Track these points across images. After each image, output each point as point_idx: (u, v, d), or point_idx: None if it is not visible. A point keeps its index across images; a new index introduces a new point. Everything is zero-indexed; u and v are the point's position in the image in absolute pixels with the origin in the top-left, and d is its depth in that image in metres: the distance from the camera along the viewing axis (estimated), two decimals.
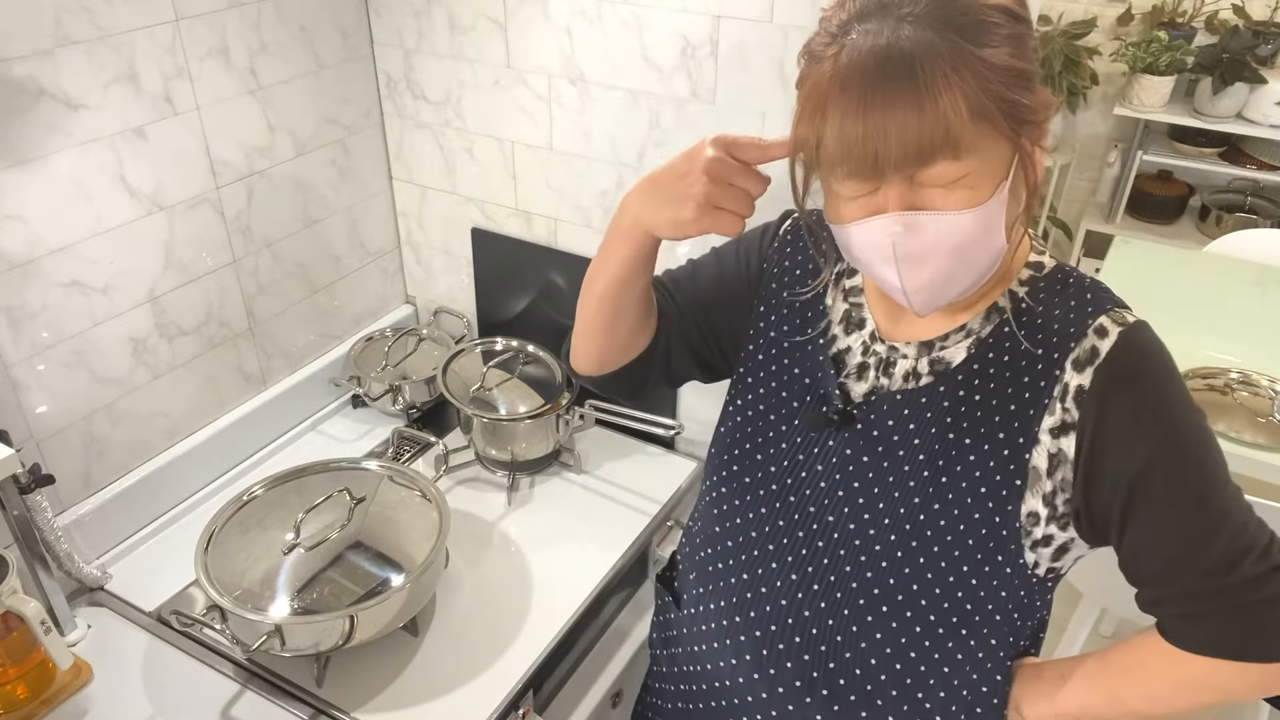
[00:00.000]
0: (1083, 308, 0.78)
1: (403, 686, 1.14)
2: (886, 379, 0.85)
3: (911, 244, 0.71)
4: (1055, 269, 0.82)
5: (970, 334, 0.81)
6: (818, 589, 0.85)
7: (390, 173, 1.67)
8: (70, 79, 1.12)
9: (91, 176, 1.18)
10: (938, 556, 0.80)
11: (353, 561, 1.16)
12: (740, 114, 1.27)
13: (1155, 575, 0.78)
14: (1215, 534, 0.74)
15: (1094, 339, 0.75)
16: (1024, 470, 0.77)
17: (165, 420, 1.37)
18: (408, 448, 1.54)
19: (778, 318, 0.95)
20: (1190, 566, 0.75)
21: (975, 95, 0.67)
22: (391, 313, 1.77)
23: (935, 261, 0.72)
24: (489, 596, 1.27)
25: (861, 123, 0.67)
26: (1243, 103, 2.99)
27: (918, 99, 0.66)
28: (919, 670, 0.83)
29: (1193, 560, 0.75)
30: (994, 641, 0.83)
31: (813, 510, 0.87)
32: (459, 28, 1.45)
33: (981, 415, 0.79)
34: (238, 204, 1.38)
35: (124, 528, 1.33)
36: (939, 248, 0.72)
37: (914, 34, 0.66)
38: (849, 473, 0.85)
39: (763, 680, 0.89)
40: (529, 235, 1.58)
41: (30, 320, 1.16)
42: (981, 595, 0.80)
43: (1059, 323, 0.78)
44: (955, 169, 0.69)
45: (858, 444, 0.85)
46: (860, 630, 0.83)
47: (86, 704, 1.11)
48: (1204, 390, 1.72)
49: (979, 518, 0.79)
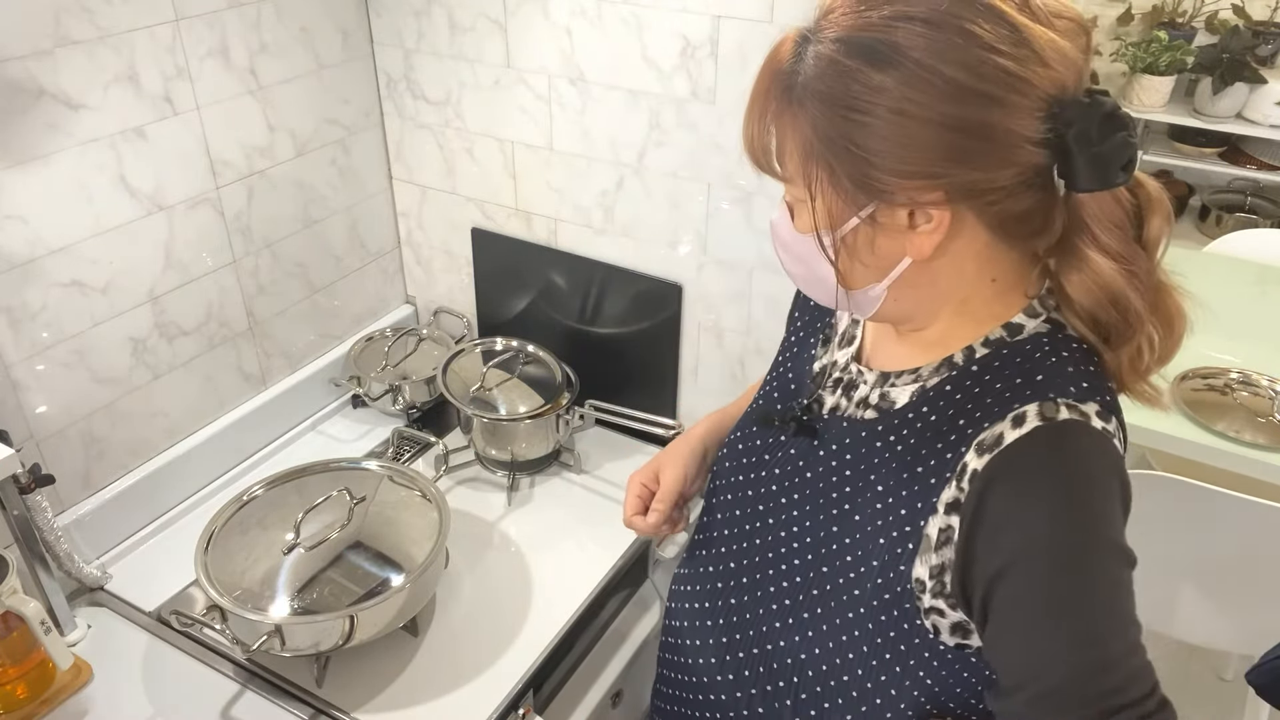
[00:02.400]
0: (1022, 390, 0.71)
1: (403, 686, 1.14)
2: (846, 401, 0.85)
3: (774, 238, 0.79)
4: (1032, 338, 0.74)
5: (919, 380, 0.78)
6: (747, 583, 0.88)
7: (390, 173, 1.67)
8: (70, 79, 1.12)
9: (91, 176, 1.18)
10: (840, 590, 0.79)
11: (353, 561, 1.16)
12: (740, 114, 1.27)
13: (1000, 683, 0.70)
14: (1071, 656, 0.64)
15: (1006, 426, 0.69)
16: (918, 535, 0.73)
17: (165, 420, 1.37)
18: (408, 448, 1.54)
19: (802, 323, 0.96)
20: (1036, 683, 0.65)
21: (807, 135, 0.68)
22: (391, 313, 1.77)
23: (785, 263, 0.79)
24: (489, 596, 1.27)
25: (744, 115, 0.74)
26: (1243, 103, 2.99)
27: (761, 110, 0.71)
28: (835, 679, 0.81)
29: (1034, 678, 0.66)
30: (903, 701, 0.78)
31: (760, 509, 0.88)
32: (459, 28, 1.45)
33: (897, 467, 0.77)
34: (238, 204, 1.38)
35: (124, 528, 1.33)
36: (782, 251, 0.78)
37: (813, 53, 0.67)
38: (793, 482, 0.86)
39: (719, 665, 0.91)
40: (529, 235, 1.58)
41: (30, 320, 1.16)
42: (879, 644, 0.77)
43: (992, 397, 0.72)
44: (788, 190, 0.73)
45: (807, 456, 0.85)
46: (782, 630, 0.84)
47: (86, 704, 1.11)
48: (1204, 390, 1.72)
49: (876, 565, 0.76)
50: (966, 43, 0.63)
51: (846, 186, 0.68)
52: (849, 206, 0.69)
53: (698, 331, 1.49)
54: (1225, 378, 1.75)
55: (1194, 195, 3.36)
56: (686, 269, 1.45)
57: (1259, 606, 1.58)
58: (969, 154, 0.65)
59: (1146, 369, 0.74)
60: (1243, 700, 2.04)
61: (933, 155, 0.65)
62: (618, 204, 1.46)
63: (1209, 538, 1.54)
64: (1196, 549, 1.56)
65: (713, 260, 1.42)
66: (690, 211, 1.40)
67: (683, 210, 1.40)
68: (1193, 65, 3.01)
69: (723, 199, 1.36)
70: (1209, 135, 3.14)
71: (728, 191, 1.35)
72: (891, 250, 0.71)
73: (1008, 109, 0.64)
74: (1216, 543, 1.54)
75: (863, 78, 0.64)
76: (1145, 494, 1.54)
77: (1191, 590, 1.62)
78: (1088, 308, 0.72)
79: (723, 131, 1.31)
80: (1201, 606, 1.63)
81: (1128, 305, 0.71)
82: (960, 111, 0.63)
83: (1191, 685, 2.20)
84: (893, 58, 0.63)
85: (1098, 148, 0.64)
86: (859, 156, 0.66)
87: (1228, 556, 1.55)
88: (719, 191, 1.36)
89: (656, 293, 1.49)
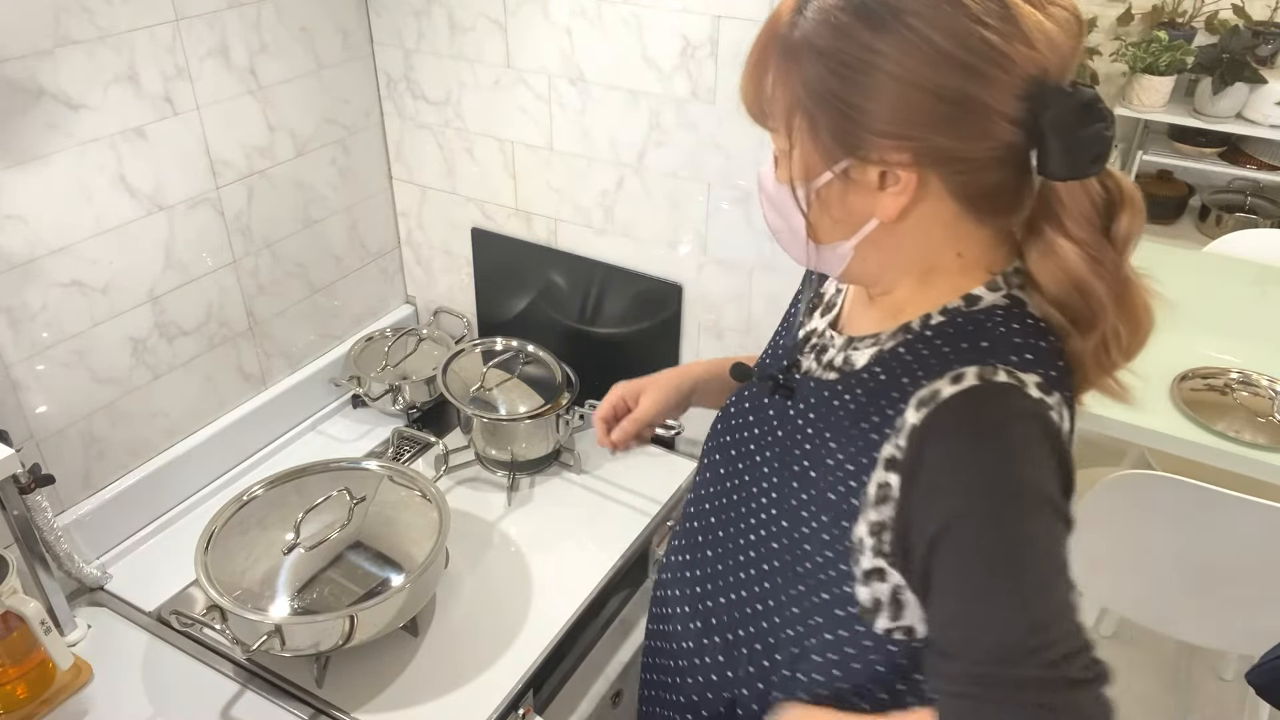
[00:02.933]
0: (966, 353, 0.72)
1: (403, 686, 1.14)
2: (817, 364, 0.87)
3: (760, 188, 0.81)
4: (987, 310, 0.74)
5: (878, 344, 0.80)
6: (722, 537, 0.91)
7: (390, 173, 1.67)
8: (70, 79, 1.12)
9: (91, 176, 1.18)
10: (795, 545, 0.82)
11: (353, 561, 1.16)
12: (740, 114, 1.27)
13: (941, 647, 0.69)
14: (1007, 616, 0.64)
15: (945, 383, 0.70)
16: (861, 492, 0.75)
17: (165, 420, 1.37)
18: (408, 448, 1.54)
19: (802, 295, 0.98)
20: (973, 644, 0.65)
21: (795, 87, 0.70)
22: (391, 313, 1.77)
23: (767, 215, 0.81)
24: (489, 596, 1.27)
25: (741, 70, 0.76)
26: (1243, 103, 2.99)
27: (758, 60, 0.73)
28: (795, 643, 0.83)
29: (976, 638, 0.65)
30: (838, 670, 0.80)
31: (741, 468, 0.90)
32: (459, 28, 1.45)
33: (848, 425, 0.78)
34: (238, 204, 1.38)
35: (124, 528, 1.33)
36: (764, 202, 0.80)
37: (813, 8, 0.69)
38: (767, 441, 0.88)
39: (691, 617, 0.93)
40: (529, 235, 1.58)
41: (30, 320, 1.16)
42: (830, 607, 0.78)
43: (938, 359, 0.73)
44: (774, 140, 0.75)
45: (781, 417, 0.87)
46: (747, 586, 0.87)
47: (86, 704, 1.11)
48: (1204, 390, 1.72)
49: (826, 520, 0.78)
50: (955, 11, 0.64)
51: (825, 139, 0.70)
52: (825, 160, 0.72)
53: (698, 331, 1.49)
54: (1225, 378, 1.75)
55: (1194, 195, 3.36)
56: (686, 269, 1.45)
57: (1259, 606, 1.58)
58: (942, 120, 0.66)
59: (1113, 363, 0.75)
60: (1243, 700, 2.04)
61: (908, 117, 0.67)
62: (618, 204, 1.46)
63: (1209, 538, 1.54)
64: (1196, 549, 1.56)
65: (713, 260, 1.42)
66: (690, 211, 1.40)
67: (683, 210, 1.40)
68: (1193, 65, 3.01)
69: (723, 199, 1.36)
70: (1209, 135, 3.14)
71: (728, 191, 1.35)
72: (861, 208, 0.73)
73: (986, 82, 0.65)
74: (1216, 543, 1.54)
75: (855, 34, 0.66)
76: (1145, 494, 1.55)
77: (1191, 590, 1.62)
78: (1053, 293, 0.73)
79: (723, 131, 1.31)
80: (1201, 606, 1.63)
81: (1091, 295, 0.72)
82: (939, 78, 0.65)
83: (1192, 685, 2.20)
84: (886, 19, 0.65)
85: (1071, 135, 0.66)
86: (839, 110, 0.68)
87: (1228, 556, 1.55)
88: (719, 191, 1.36)
89: (656, 293, 1.49)
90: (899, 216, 0.72)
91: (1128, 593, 1.68)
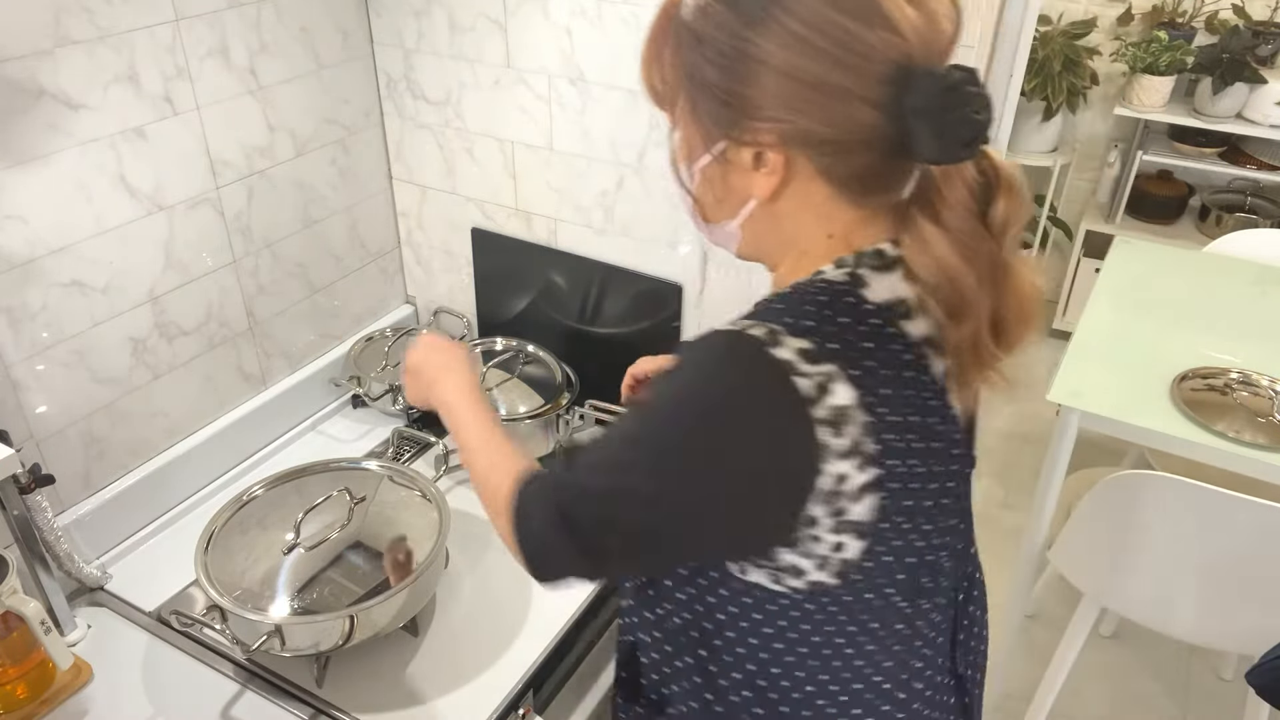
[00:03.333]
0: (762, 314, 0.74)
1: (403, 686, 1.14)
2: None
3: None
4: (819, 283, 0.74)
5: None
6: None
7: (390, 173, 1.67)
8: (70, 79, 1.12)
9: (91, 176, 1.18)
10: None
11: (353, 561, 1.16)
12: None
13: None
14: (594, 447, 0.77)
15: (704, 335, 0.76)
16: None
17: (165, 420, 1.37)
18: (408, 448, 1.54)
19: None
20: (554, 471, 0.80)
21: (678, 69, 0.73)
22: (391, 313, 1.77)
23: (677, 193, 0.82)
24: (489, 596, 1.27)
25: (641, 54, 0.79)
26: (1243, 103, 2.99)
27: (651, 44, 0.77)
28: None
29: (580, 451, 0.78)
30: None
31: None
32: (459, 28, 1.45)
33: None
34: (238, 204, 1.38)
35: (124, 528, 1.33)
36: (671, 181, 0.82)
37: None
38: None
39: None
40: (529, 235, 1.58)
41: (30, 320, 1.16)
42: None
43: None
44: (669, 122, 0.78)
45: None
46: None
47: (86, 704, 1.11)
48: (1204, 390, 1.72)
49: None
50: (819, 1, 0.67)
51: (704, 121, 0.74)
52: (704, 141, 0.75)
53: (698, 331, 1.49)
54: (1225, 378, 1.75)
55: (1194, 195, 3.36)
56: (686, 269, 1.45)
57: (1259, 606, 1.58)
58: (806, 104, 0.68)
59: (992, 354, 0.73)
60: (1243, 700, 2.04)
61: (774, 102, 0.69)
62: (618, 204, 1.46)
63: (1209, 538, 1.54)
64: (1196, 549, 1.56)
65: (713, 260, 1.42)
66: None
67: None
68: (1193, 65, 3.01)
69: None
70: (1209, 135, 3.14)
71: None
72: (741, 189, 0.75)
73: (846, 68, 0.67)
74: (1216, 543, 1.54)
75: (727, 23, 0.69)
76: (1145, 494, 1.55)
77: (1191, 590, 1.62)
78: (924, 280, 0.72)
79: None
80: (1201, 606, 1.63)
81: (962, 284, 0.70)
82: (801, 64, 0.67)
83: (1192, 685, 2.20)
84: (754, 9, 0.68)
85: (938, 119, 0.66)
86: (713, 93, 0.71)
87: (1228, 556, 1.55)
88: None
89: (656, 293, 1.49)
90: (772, 197, 0.74)
91: (1128, 593, 1.68)
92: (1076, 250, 3.35)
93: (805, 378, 0.68)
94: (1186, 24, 3.13)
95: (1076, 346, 1.84)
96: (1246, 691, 1.74)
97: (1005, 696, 2.15)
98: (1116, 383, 1.74)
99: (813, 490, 0.69)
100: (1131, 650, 2.28)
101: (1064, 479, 1.80)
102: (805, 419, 0.68)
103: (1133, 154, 3.21)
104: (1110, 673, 2.23)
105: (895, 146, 0.69)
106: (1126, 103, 3.12)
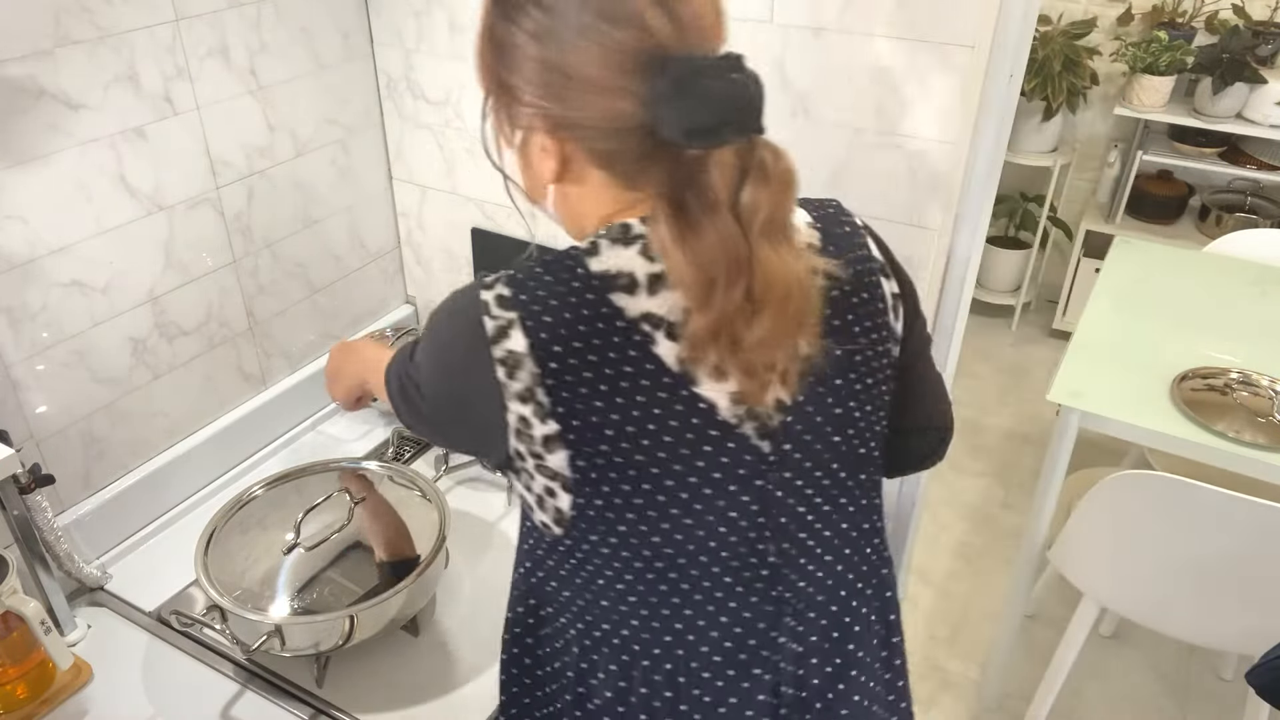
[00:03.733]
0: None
1: (403, 686, 1.14)
2: None
3: None
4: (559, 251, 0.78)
5: None
6: None
7: (390, 173, 1.67)
8: (70, 79, 1.12)
9: (91, 176, 1.18)
10: None
11: (353, 561, 1.16)
12: None
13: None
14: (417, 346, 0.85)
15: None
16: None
17: (165, 420, 1.37)
18: (408, 448, 1.54)
19: None
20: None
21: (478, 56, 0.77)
22: (391, 313, 1.77)
23: None
24: (489, 596, 1.27)
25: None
26: (1243, 103, 2.99)
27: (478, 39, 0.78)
28: None
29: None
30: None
31: None
32: (459, 28, 1.45)
33: None
34: (238, 204, 1.38)
35: (124, 528, 1.33)
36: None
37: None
38: None
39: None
40: (529, 235, 1.58)
41: (30, 320, 1.16)
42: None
43: None
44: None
45: None
46: None
47: (86, 704, 1.11)
48: (1204, 390, 1.72)
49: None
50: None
51: (501, 111, 0.78)
52: (505, 129, 0.79)
53: None
54: (1225, 378, 1.74)
55: (1194, 195, 3.36)
56: None
57: (1259, 606, 1.58)
58: (561, 91, 0.72)
59: (740, 347, 0.72)
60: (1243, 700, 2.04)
61: (536, 90, 0.73)
62: None
63: (1209, 538, 1.54)
64: (1196, 549, 1.56)
65: None
66: None
67: None
68: (1193, 65, 3.01)
69: None
70: (1209, 135, 3.14)
71: None
72: (539, 172, 0.79)
73: (589, 56, 0.69)
74: (1216, 542, 1.54)
75: (496, 17, 0.74)
76: (1145, 494, 1.55)
77: (1191, 590, 1.62)
78: (667, 265, 0.72)
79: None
80: (1201, 606, 1.63)
81: (691, 269, 0.70)
82: (545, 51, 0.71)
83: (1191, 685, 2.20)
84: (511, 3, 0.73)
85: (680, 104, 0.67)
86: (499, 84, 0.76)
87: (1228, 556, 1.55)
88: None
89: None
90: (558, 180, 0.78)
91: (1128, 593, 1.68)
92: (1076, 250, 3.35)
93: (492, 319, 0.74)
94: (1186, 24, 3.13)
95: (1076, 347, 1.84)
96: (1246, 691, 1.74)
97: (1005, 696, 2.15)
98: (1116, 383, 1.74)
99: (506, 425, 0.75)
100: (1131, 650, 2.28)
101: (1064, 479, 1.80)
102: (486, 354, 0.74)
103: (1133, 154, 3.21)
104: (1110, 673, 2.23)
105: (651, 133, 0.70)
106: (1126, 103, 3.12)
